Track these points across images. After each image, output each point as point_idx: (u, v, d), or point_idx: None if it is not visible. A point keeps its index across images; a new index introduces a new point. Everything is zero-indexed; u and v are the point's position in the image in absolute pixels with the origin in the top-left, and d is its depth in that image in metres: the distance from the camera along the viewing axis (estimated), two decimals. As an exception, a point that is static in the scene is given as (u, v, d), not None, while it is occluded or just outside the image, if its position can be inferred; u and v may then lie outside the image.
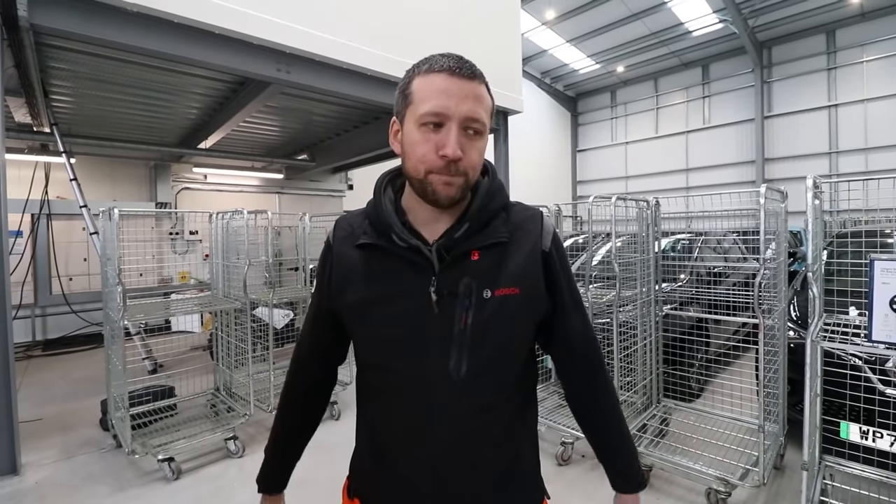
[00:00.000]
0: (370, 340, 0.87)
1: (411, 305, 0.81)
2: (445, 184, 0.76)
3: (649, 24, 13.92)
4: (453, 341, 0.80)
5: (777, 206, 2.70)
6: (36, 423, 3.72)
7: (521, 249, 0.84)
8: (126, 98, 5.18)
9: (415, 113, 0.77)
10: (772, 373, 2.62)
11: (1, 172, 2.98)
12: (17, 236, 5.98)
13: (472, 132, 0.77)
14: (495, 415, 0.84)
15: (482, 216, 0.82)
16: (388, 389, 0.86)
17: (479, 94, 0.78)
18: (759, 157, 14.86)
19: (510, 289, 0.81)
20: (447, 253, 0.80)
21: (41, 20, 3.07)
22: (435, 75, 0.77)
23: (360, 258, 0.85)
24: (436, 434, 0.82)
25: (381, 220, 0.83)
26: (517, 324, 0.84)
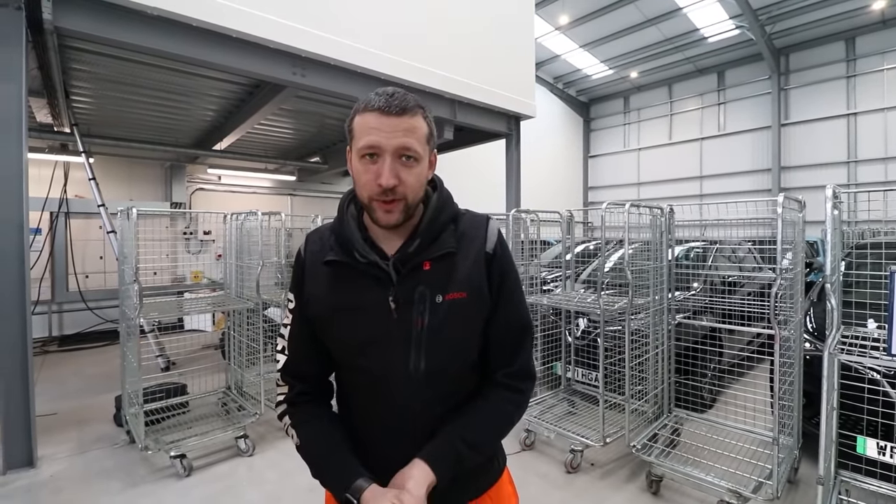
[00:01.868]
0: (340, 345, 0.96)
1: (374, 313, 0.91)
2: (386, 211, 0.87)
3: (664, 30, 13.83)
4: (412, 342, 0.91)
5: (794, 216, 2.67)
6: (51, 418, 3.79)
7: (468, 257, 0.95)
8: (144, 100, 5.28)
9: (356, 146, 0.89)
10: (787, 385, 2.58)
11: (24, 171, 3.05)
12: (37, 234, 6.11)
13: (406, 159, 0.86)
14: (454, 400, 0.96)
15: (432, 231, 0.93)
16: (360, 387, 0.98)
17: (410, 127, 0.86)
18: (775, 165, 14.65)
19: (459, 293, 0.92)
20: (402, 266, 0.91)
21: (64, 23, 3.15)
22: (369, 114, 0.86)
23: (328, 273, 0.95)
24: (406, 421, 0.93)
25: (345, 237, 0.93)
26: (467, 323, 0.94)
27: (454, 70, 5.22)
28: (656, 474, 2.72)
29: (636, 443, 2.84)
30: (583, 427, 3.25)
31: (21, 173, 3.03)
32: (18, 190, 3.02)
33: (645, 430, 3.01)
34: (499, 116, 6.03)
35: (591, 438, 3.03)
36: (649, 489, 2.74)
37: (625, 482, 2.86)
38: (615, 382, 3.27)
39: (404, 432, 0.94)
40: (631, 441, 2.86)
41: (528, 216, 3.92)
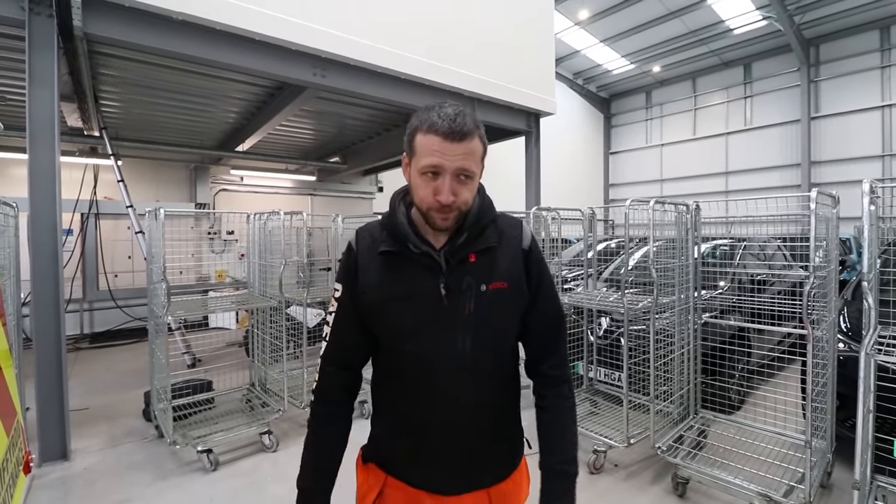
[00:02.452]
0: (393, 329, 1.03)
1: (426, 299, 1.00)
2: (442, 219, 0.97)
3: (688, 23, 13.53)
4: (459, 326, 1.00)
5: (828, 212, 2.57)
6: (84, 413, 3.92)
7: (507, 252, 1.05)
8: (170, 103, 5.41)
9: (417, 164, 0.96)
10: (820, 386, 2.49)
11: (56, 174, 3.16)
12: (69, 234, 6.32)
13: (463, 177, 0.95)
14: (492, 383, 1.07)
15: (477, 227, 1.02)
16: (408, 367, 1.04)
17: (469, 151, 0.94)
18: (804, 159, 14.19)
19: (501, 283, 1.03)
20: (452, 257, 1.01)
21: (94, 29, 3.24)
22: (432, 136, 0.92)
23: (382, 263, 1.03)
24: (449, 397, 1.02)
25: (399, 231, 1.02)
26: (507, 311, 1.05)
27: (473, 68, 5.20)
28: (682, 476, 2.66)
29: (661, 444, 2.78)
30: (606, 427, 3.20)
31: (54, 176, 3.14)
32: (52, 192, 3.13)
33: (670, 431, 2.95)
34: (518, 114, 5.98)
35: (614, 439, 2.98)
36: (675, 491, 2.68)
37: (649, 484, 2.81)
38: (639, 383, 3.21)
39: (447, 407, 1.03)
40: (656, 442, 2.80)
41: (549, 214, 3.88)
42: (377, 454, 1.11)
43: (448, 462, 1.04)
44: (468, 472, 1.05)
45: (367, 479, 1.11)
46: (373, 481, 1.09)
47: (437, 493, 1.04)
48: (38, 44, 3.07)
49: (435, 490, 1.04)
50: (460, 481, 1.05)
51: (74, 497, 2.73)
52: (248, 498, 2.74)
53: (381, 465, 1.09)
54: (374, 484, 1.08)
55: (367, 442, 1.15)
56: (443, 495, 1.04)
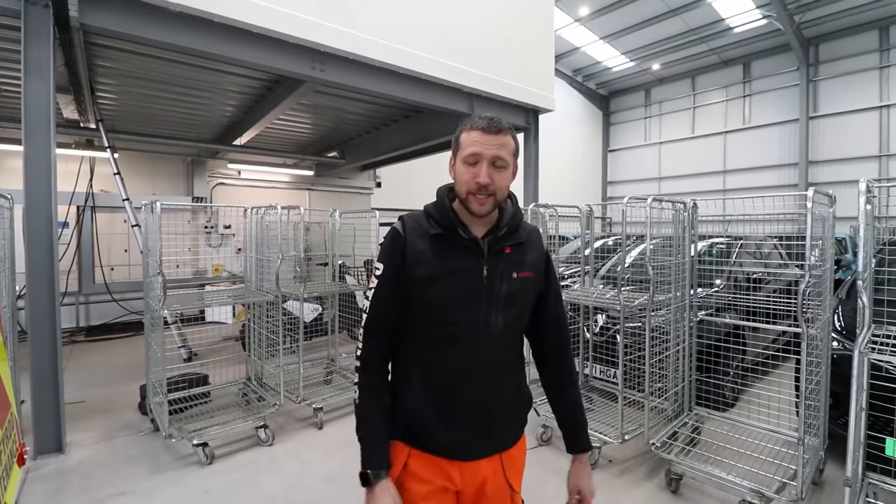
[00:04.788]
0: (437, 301, 1.17)
1: (469, 278, 1.17)
2: (480, 204, 1.15)
3: (688, 21, 13.50)
4: (493, 304, 1.18)
5: (824, 211, 2.58)
6: (79, 406, 3.92)
7: (534, 249, 1.27)
8: (166, 95, 5.37)
9: (461, 155, 1.17)
10: (813, 384, 2.51)
11: (52, 166, 3.14)
12: (64, 227, 6.29)
13: (498, 165, 1.15)
14: (513, 354, 1.26)
15: (512, 224, 1.23)
16: (445, 337, 1.18)
17: (503, 143, 1.15)
18: (802, 159, 14.22)
19: (528, 273, 1.23)
20: (493, 245, 1.19)
21: (90, 20, 3.21)
22: (474, 131, 1.15)
23: (430, 244, 1.19)
24: (478, 368, 1.18)
25: (449, 218, 1.19)
26: (529, 296, 1.26)
27: (472, 63, 5.18)
28: (676, 472, 2.68)
29: (655, 440, 2.80)
30: (601, 424, 3.22)
31: (50, 168, 3.12)
32: (48, 184, 3.11)
33: (664, 427, 2.97)
34: (517, 110, 5.97)
35: (609, 435, 3.00)
36: (668, 487, 2.70)
37: (643, 480, 2.83)
38: (634, 379, 3.23)
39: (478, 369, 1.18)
40: (650, 439, 2.82)
41: (547, 211, 3.88)
42: (405, 426, 1.20)
43: (474, 426, 1.18)
44: (488, 435, 1.20)
45: (392, 454, 1.19)
46: (397, 455, 1.19)
47: (458, 458, 1.18)
48: (33, 34, 3.04)
49: (456, 456, 1.18)
50: (478, 447, 1.19)
51: (70, 490, 2.73)
52: (244, 491, 2.75)
53: (406, 439, 1.20)
54: (399, 458, 1.19)
55: (395, 421, 1.22)
56: (463, 461, 1.18)
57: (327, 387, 4.36)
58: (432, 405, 1.18)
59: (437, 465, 1.17)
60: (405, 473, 1.18)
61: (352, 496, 1.16)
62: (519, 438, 1.29)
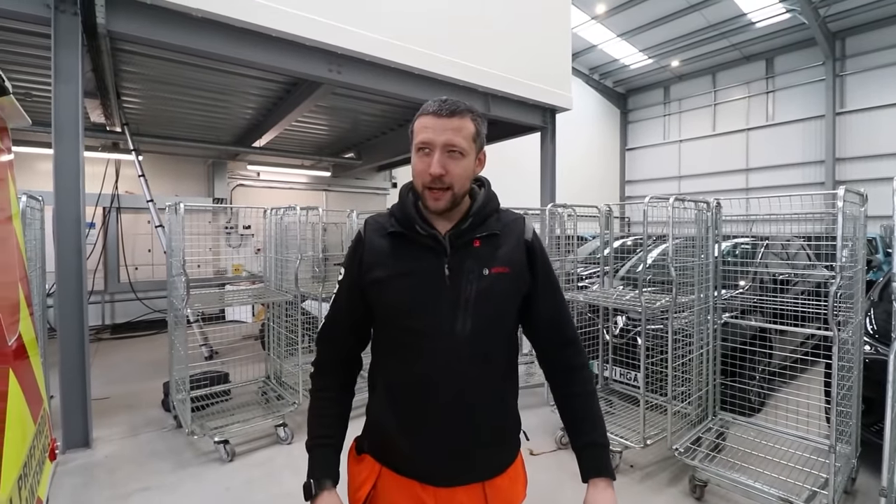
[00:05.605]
0: (394, 305, 1.06)
1: (429, 278, 1.03)
2: (434, 199, 1.02)
3: (708, 16, 13.24)
4: (460, 306, 1.02)
5: (855, 210, 2.49)
6: (105, 402, 4.01)
7: (510, 240, 1.09)
8: (188, 99, 5.48)
9: (413, 143, 1.04)
10: (845, 390, 2.42)
11: (80, 169, 3.22)
12: (91, 228, 6.46)
13: (454, 153, 1.00)
14: (490, 365, 1.06)
15: (481, 214, 1.08)
16: (407, 344, 1.05)
17: (457, 127, 1.00)
18: (828, 156, 13.81)
19: (502, 268, 1.06)
20: (456, 240, 1.05)
21: (117, 27, 3.29)
22: (425, 117, 1.03)
23: (388, 244, 1.08)
24: (446, 379, 1.02)
25: (407, 215, 1.06)
26: (508, 295, 1.08)
27: (488, 63, 5.16)
28: (700, 479, 2.62)
29: (679, 446, 2.74)
30: (621, 428, 3.16)
31: (78, 171, 3.20)
32: (76, 187, 3.19)
33: (688, 433, 2.91)
34: (534, 109, 5.93)
35: (630, 440, 2.94)
36: (692, 494, 2.64)
37: (666, 486, 2.77)
38: (656, 383, 3.17)
39: (443, 388, 1.02)
40: (673, 444, 2.76)
41: (565, 211, 3.84)
42: (372, 441, 1.11)
43: (442, 447, 1.03)
44: (462, 460, 1.04)
45: (361, 472, 1.10)
46: (367, 474, 1.08)
47: (432, 483, 1.03)
48: (63, 42, 3.13)
49: (429, 480, 1.03)
50: (454, 471, 1.03)
51: (96, 484, 2.80)
52: (264, 488, 2.78)
53: (375, 455, 1.09)
54: (369, 476, 1.08)
55: (362, 431, 1.15)
56: (436, 486, 1.03)
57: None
58: (395, 419, 1.06)
59: (409, 487, 1.04)
60: (374, 494, 1.07)
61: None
62: (507, 466, 1.10)
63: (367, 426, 1.14)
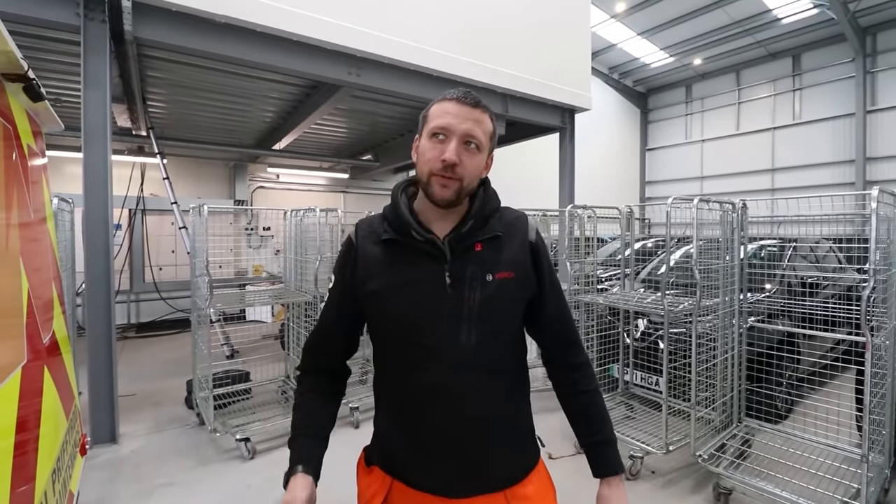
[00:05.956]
0: (395, 319, 0.99)
1: (429, 287, 0.96)
2: (442, 186, 0.94)
3: (731, 13, 12.93)
4: (464, 316, 0.96)
5: (889, 211, 2.40)
6: (130, 399, 4.11)
7: (513, 242, 1.02)
8: (211, 103, 5.60)
9: (427, 128, 0.97)
10: (878, 397, 2.34)
11: (108, 172, 3.31)
12: (117, 229, 6.64)
13: (471, 146, 0.95)
14: (499, 377, 1.01)
15: (482, 216, 1.00)
16: (410, 359, 0.99)
17: (479, 119, 0.96)
18: (859, 155, 13.34)
19: (507, 273, 0.99)
20: (457, 244, 0.97)
21: (143, 33, 3.38)
22: (446, 102, 0.96)
23: (383, 252, 1.01)
24: (452, 393, 0.96)
25: (401, 220, 0.99)
26: (513, 301, 1.01)
27: (507, 64, 5.14)
28: (725, 487, 2.56)
29: (702, 452, 2.68)
30: (642, 433, 3.11)
31: (107, 174, 3.30)
32: (105, 189, 3.29)
33: (712, 439, 2.84)
34: (553, 110, 5.88)
35: (652, 445, 2.89)
36: (716, 502, 2.58)
37: (689, 493, 2.71)
38: (679, 388, 3.10)
39: (448, 402, 0.97)
40: (696, 450, 2.70)
41: (585, 212, 3.80)
42: (381, 454, 1.06)
43: (453, 460, 0.97)
44: (475, 471, 0.98)
45: (372, 484, 1.05)
46: (378, 486, 1.03)
47: (446, 496, 0.97)
48: (92, 48, 3.23)
49: (443, 493, 0.97)
50: (469, 482, 0.98)
51: (122, 479, 2.87)
52: (284, 488, 2.81)
53: (385, 467, 1.04)
54: (379, 489, 1.02)
55: (371, 441, 1.11)
56: (451, 498, 0.97)
57: (363, 386, 4.41)
58: (402, 432, 1.01)
59: (423, 500, 0.99)
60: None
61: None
62: (527, 473, 1.05)
63: (375, 437, 1.10)
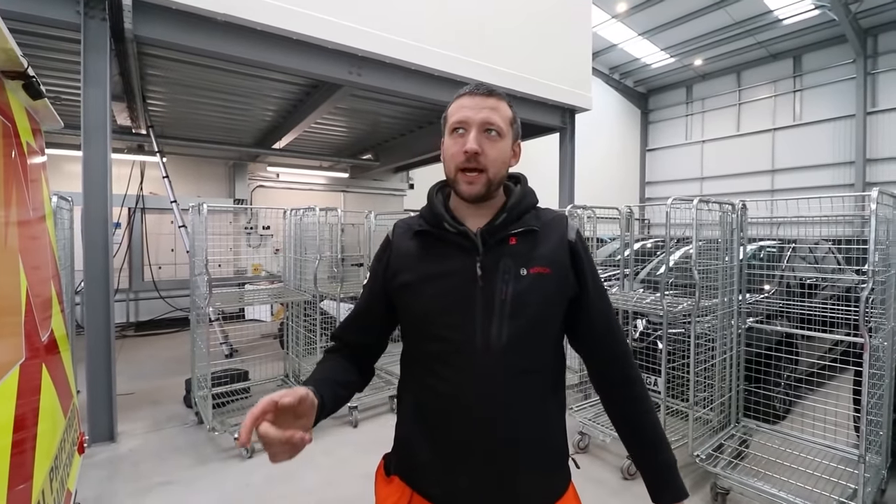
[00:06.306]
0: (426, 310, 0.97)
1: (460, 281, 0.95)
2: (468, 182, 0.94)
3: (733, 13, 12.92)
4: (495, 311, 0.93)
5: (889, 213, 2.41)
6: (129, 397, 4.11)
7: (551, 238, 0.99)
8: (211, 102, 5.59)
9: (448, 126, 0.99)
10: (876, 398, 2.34)
11: (108, 170, 3.31)
12: (117, 227, 6.64)
13: (491, 133, 0.95)
14: (531, 380, 0.94)
15: (516, 210, 0.99)
16: (436, 355, 0.96)
17: (494, 106, 0.96)
18: (859, 157, 13.35)
19: (543, 268, 0.95)
20: (489, 237, 0.96)
21: (143, 31, 3.38)
22: (461, 98, 0.98)
23: (416, 245, 1.01)
24: (480, 395, 0.92)
25: (435, 212, 1.00)
26: (549, 298, 0.96)
27: (507, 63, 5.14)
28: (722, 487, 2.56)
29: (700, 452, 2.68)
30: (640, 432, 3.11)
31: (106, 172, 3.30)
32: (104, 188, 3.29)
33: (710, 439, 2.84)
34: (553, 110, 5.88)
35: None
36: (714, 502, 2.58)
37: (686, 493, 2.71)
38: (677, 388, 3.10)
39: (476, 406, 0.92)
40: (694, 450, 2.70)
41: (585, 213, 3.80)
42: (400, 463, 1.03)
43: (477, 473, 0.91)
44: (502, 488, 0.92)
45: (391, 495, 1.01)
46: (396, 497, 1.00)
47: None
48: (92, 46, 3.22)
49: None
50: (492, 496, 0.92)
51: (121, 477, 2.87)
52: (282, 485, 2.81)
53: (404, 477, 1.00)
54: (399, 501, 0.99)
55: (391, 450, 1.08)
56: None
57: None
58: (422, 439, 0.97)
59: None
60: None
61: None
62: (557, 499, 0.98)
63: (395, 445, 1.06)
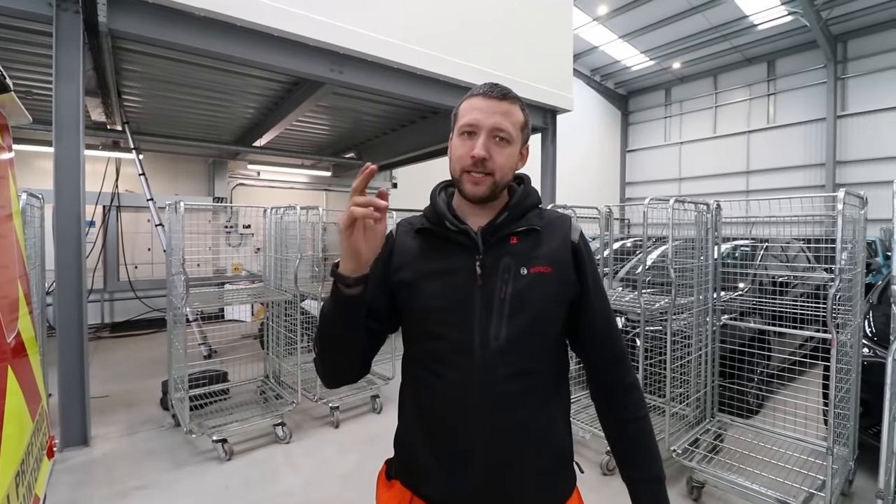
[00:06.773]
0: (424, 308, 0.97)
1: (460, 279, 0.94)
2: (473, 183, 0.94)
3: (710, 18, 13.24)
4: (494, 310, 0.92)
5: (855, 213, 2.50)
6: (103, 400, 4.01)
7: (553, 238, 0.99)
8: (189, 98, 5.48)
9: (457, 126, 0.97)
10: (843, 392, 2.43)
11: (81, 167, 3.22)
12: (91, 226, 6.46)
13: (499, 139, 0.94)
14: (530, 380, 0.93)
15: (518, 209, 0.99)
16: (435, 354, 0.96)
17: (507, 111, 0.94)
18: (829, 159, 13.81)
19: (544, 267, 0.95)
20: (490, 236, 0.96)
21: (118, 25, 3.29)
22: (473, 98, 0.96)
23: (417, 242, 1.01)
24: (479, 395, 0.91)
25: (437, 211, 1.00)
26: (550, 298, 0.95)
27: (490, 64, 5.16)
28: (698, 480, 2.62)
29: (676, 447, 2.74)
30: (619, 428, 3.16)
31: (79, 169, 3.20)
32: (76, 185, 3.19)
33: (686, 434, 2.91)
34: (535, 111, 5.93)
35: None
36: (690, 495, 2.64)
37: (663, 487, 2.77)
38: (655, 384, 3.17)
39: (476, 408, 0.91)
40: (671, 445, 2.76)
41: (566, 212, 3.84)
42: (401, 466, 1.02)
43: (477, 476, 0.91)
44: (502, 491, 0.92)
45: (391, 499, 1.02)
46: (396, 501, 1.00)
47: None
48: (64, 40, 3.13)
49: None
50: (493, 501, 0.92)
51: (94, 482, 2.80)
52: (262, 487, 2.78)
53: (405, 481, 1.00)
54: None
55: (394, 453, 1.08)
56: None
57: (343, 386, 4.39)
58: (421, 441, 0.97)
59: None
60: None
61: (368, 494, 1.12)
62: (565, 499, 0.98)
63: (396, 449, 1.06)
